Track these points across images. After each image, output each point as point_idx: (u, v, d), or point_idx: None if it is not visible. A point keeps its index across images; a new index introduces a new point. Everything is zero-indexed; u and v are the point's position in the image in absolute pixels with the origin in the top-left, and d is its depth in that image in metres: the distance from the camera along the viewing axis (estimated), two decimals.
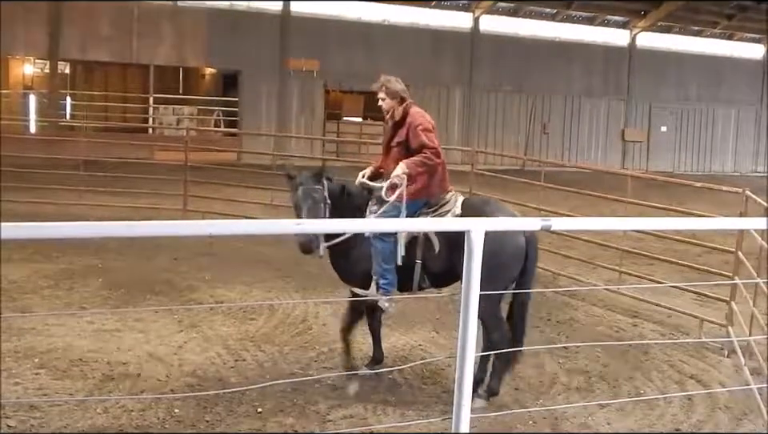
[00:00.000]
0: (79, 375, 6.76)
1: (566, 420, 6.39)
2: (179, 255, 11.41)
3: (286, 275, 10.70)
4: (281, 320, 8.57)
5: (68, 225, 2.67)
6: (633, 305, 9.97)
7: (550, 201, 12.07)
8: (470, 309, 3.03)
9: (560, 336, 8.69)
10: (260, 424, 6.00)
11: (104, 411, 6.06)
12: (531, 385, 7.14)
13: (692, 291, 9.80)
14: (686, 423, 6.47)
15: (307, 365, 7.30)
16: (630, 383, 7.33)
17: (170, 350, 7.49)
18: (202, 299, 9.31)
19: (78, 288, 9.53)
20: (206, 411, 6.17)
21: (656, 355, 8.17)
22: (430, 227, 5.72)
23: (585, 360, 7.84)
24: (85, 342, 7.55)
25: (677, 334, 9.01)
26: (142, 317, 8.37)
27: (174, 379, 6.82)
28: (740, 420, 6.59)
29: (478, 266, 3.03)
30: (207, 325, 8.28)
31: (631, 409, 6.66)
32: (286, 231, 2.87)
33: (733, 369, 7.89)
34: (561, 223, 3.24)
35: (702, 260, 11.13)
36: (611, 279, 10.83)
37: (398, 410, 6.41)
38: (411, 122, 6.50)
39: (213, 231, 2.95)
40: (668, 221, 4.70)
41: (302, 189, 6.33)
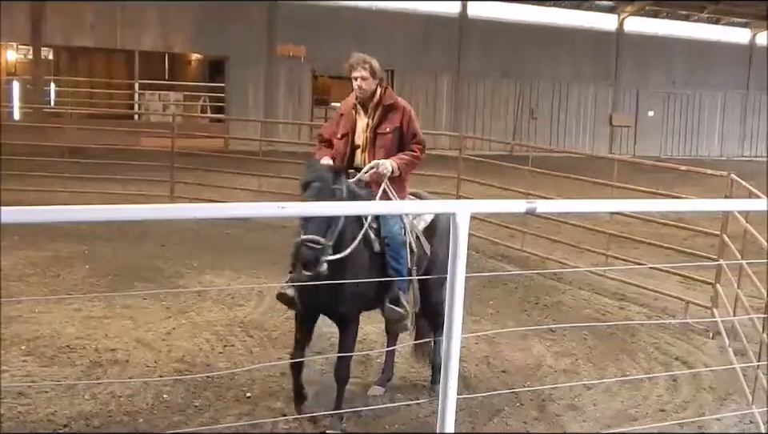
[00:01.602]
0: (67, 362, 6.75)
1: (552, 402, 6.44)
2: (167, 241, 11.39)
3: (274, 261, 10.69)
4: (269, 306, 8.56)
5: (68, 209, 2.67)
6: (619, 288, 10.03)
7: (537, 186, 12.11)
8: (456, 291, 3.05)
9: (547, 319, 8.74)
10: (249, 408, 6.02)
11: (92, 397, 6.06)
12: (518, 367, 7.18)
13: (678, 274, 9.88)
14: (671, 403, 6.53)
15: None
16: (616, 365, 7.38)
17: (158, 336, 7.48)
18: (190, 286, 9.30)
19: (65, 275, 9.50)
20: (194, 396, 6.18)
21: (642, 337, 8.23)
22: (414, 209, 5.66)
23: (572, 343, 7.89)
24: (72, 329, 7.53)
25: (663, 316, 9.08)
26: (130, 304, 8.35)
27: (163, 365, 6.83)
28: (724, 400, 6.66)
29: (464, 249, 3.04)
30: (196, 311, 8.28)
31: (617, 390, 6.72)
32: (269, 214, 2.86)
33: (717, 350, 7.96)
34: (545, 206, 3.25)
35: (688, 244, 11.20)
36: (598, 262, 10.89)
37: (386, 393, 6.44)
38: (405, 107, 5.93)
39: (199, 214, 2.95)
40: (652, 203, 4.73)
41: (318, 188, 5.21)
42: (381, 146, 5.87)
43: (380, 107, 5.93)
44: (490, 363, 7.08)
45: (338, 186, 5.26)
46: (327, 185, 5.20)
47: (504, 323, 8.30)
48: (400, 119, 5.90)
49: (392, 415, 6.00)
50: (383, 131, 5.89)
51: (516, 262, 11.21)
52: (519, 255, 11.47)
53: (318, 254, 5.02)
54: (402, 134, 5.91)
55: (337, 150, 5.94)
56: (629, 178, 11.34)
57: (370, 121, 5.93)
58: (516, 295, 9.58)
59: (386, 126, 5.89)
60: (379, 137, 5.89)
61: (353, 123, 5.97)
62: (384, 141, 5.88)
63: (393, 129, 5.89)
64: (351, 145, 5.95)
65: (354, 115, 5.98)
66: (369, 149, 5.91)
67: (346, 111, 6.04)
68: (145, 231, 11.71)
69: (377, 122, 5.90)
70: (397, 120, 5.90)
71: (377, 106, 5.93)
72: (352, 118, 5.98)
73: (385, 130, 5.89)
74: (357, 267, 5.43)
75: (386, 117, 5.91)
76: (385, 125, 5.89)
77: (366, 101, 5.93)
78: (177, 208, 2.95)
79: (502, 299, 9.24)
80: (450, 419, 3.08)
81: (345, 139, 5.96)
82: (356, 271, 5.39)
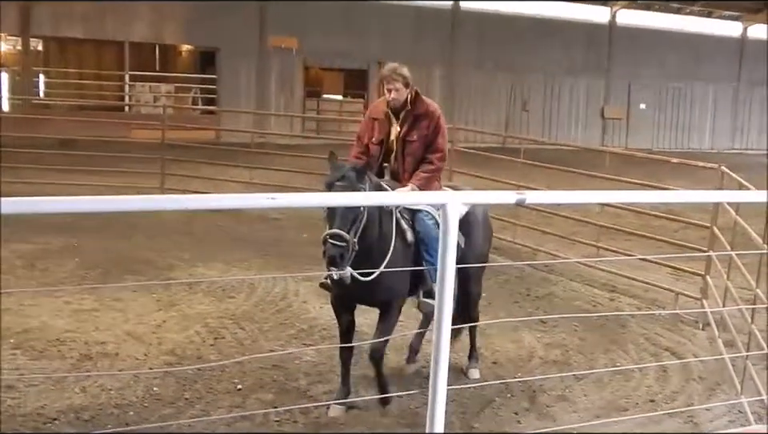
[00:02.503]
0: (56, 355, 6.73)
1: (543, 393, 6.46)
2: (157, 234, 11.36)
3: (265, 254, 10.70)
4: (260, 298, 8.57)
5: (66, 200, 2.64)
6: (610, 280, 10.06)
7: (529, 178, 12.10)
8: (446, 283, 3.04)
9: (538, 310, 8.76)
10: (240, 401, 6.02)
11: (82, 390, 6.04)
12: (510, 359, 7.20)
13: (668, 266, 9.91)
14: (660, 394, 6.56)
15: (287, 342, 7.31)
16: (606, 356, 7.40)
17: (148, 329, 7.46)
18: (181, 278, 9.27)
19: (54, 268, 9.46)
20: (185, 388, 6.17)
21: (632, 328, 8.26)
22: (407, 201, 5.67)
23: (562, 334, 7.91)
24: (62, 322, 7.50)
25: (653, 307, 9.11)
26: (120, 296, 8.32)
27: (153, 357, 6.81)
28: (713, 391, 6.69)
29: (453, 240, 3.04)
30: (186, 304, 8.26)
31: (607, 381, 6.74)
32: (259, 206, 2.85)
33: (707, 341, 8.00)
34: (535, 197, 3.25)
35: (679, 236, 11.23)
36: (589, 254, 10.91)
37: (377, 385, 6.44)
38: (434, 114, 6.09)
39: (189, 206, 2.94)
40: (641, 194, 4.74)
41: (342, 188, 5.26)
42: (409, 154, 6.08)
43: (410, 116, 6.09)
44: (482, 354, 7.08)
45: (362, 184, 5.34)
46: (352, 184, 5.27)
47: (495, 314, 8.30)
48: (427, 126, 6.08)
49: (383, 406, 6.00)
50: (411, 139, 6.07)
51: (507, 253, 11.22)
52: (511, 246, 11.48)
53: (342, 251, 5.17)
54: (428, 142, 6.09)
55: (372, 155, 6.14)
56: (620, 170, 11.36)
57: (400, 129, 6.10)
58: (507, 287, 9.59)
59: (413, 135, 6.06)
60: (407, 145, 6.08)
61: (387, 130, 6.15)
62: (412, 149, 6.07)
63: (420, 137, 6.06)
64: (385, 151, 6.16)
65: (388, 122, 6.15)
66: (399, 156, 6.12)
67: (379, 117, 6.20)
68: (135, 224, 11.67)
69: (406, 131, 6.08)
70: (425, 128, 6.08)
71: (407, 115, 6.09)
72: (386, 125, 6.15)
73: (413, 138, 6.06)
74: (395, 260, 5.60)
75: (414, 125, 6.08)
76: (413, 133, 6.07)
77: (397, 109, 6.10)
78: (167, 199, 2.93)
79: (493, 290, 9.24)
80: (440, 410, 3.08)
81: (380, 145, 6.16)
82: (393, 263, 5.57)
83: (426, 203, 5.81)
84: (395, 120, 6.12)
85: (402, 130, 6.08)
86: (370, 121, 6.24)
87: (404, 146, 6.08)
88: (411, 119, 6.08)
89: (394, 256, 5.61)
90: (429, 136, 6.07)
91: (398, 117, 6.11)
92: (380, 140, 6.14)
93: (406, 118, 6.08)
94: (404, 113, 6.09)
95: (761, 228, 6.40)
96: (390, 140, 6.12)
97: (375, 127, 6.19)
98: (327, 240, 5.20)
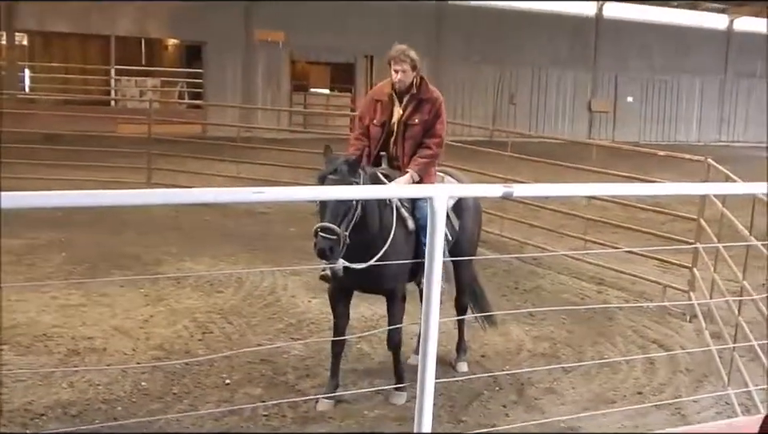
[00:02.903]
0: (44, 351, 6.70)
1: (531, 385, 6.47)
2: (145, 229, 11.31)
3: (253, 248, 10.67)
4: (248, 292, 8.55)
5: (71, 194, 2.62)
6: (598, 272, 10.09)
7: (516, 171, 12.11)
8: (434, 275, 3.04)
9: (526, 303, 8.77)
10: (228, 395, 6.01)
11: (69, 385, 6.02)
12: (498, 352, 7.21)
13: (655, 258, 9.94)
14: (648, 386, 6.59)
15: (275, 336, 7.31)
16: (594, 349, 7.43)
17: (136, 324, 7.44)
18: (169, 273, 9.23)
19: (41, 263, 9.41)
20: (173, 383, 6.15)
21: (620, 320, 8.29)
22: (394, 193, 5.67)
23: (550, 327, 7.93)
24: (49, 317, 7.47)
25: (640, 300, 9.14)
26: (108, 291, 8.29)
27: (141, 352, 6.79)
28: (700, 382, 6.72)
29: (441, 232, 3.04)
30: (174, 298, 8.24)
31: (595, 373, 6.77)
32: (245, 200, 2.84)
33: (694, 333, 8.04)
34: (522, 190, 3.25)
35: (666, 228, 11.26)
36: (577, 247, 10.92)
37: (366, 378, 6.46)
38: (436, 100, 6.11)
39: (175, 200, 2.93)
40: (628, 187, 4.76)
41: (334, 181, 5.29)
42: (410, 138, 6.07)
43: (414, 100, 6.08)
44: (470, 348, 7.09)
45: (355, 178, 5.37)
46: (344, 178, 5.30)
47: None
48: (428, 111, 6.08)
49: (370, 401, 6.01)
50: (413, 123, 6.06)
51: (495, 247, 11.23)
52: (498, 239, 11.49)
53: (332, 244, 5.21)
54: (427, 127, 6.10)
55: (372, 137, 6.15)
56: (607, 163, 11.40)
57: (402, 111, 6.08)
58: (495, 280, 9.60)
59: (415, 118, 6.06)
60: (409, 128, 6.07)
61: (390, 112, 6.12)
62: (413, 132, 6.06)
63: (422, 121, 6.06)
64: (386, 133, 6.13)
65: (391, 104, 6.12)
66: (399, 139, 6.10)
67: (382, 98, 6.17)
68: (122, 218, 11.63)
69: (409, 114, 6.07)
70: (427, 112, 6.08)
71: (411, 98, 6.08)
72: (389, 107, 6.12)
73: (414, 122, 6.06)
74: (396, 247, 5.69)
75: (417, 109, 6.07)
76: (415, 117, 6.06)
77: (402, 92, 6.07)
78: (153, 194, 2.91)
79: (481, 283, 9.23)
80: (428, 403, 3.08)
81: (382, 127, 6.13)
82: (395, 250, 5.66)
83: (414, 197, 5.80)
84: (398, 102, 6.10)
85: (404, 113, 6.07)
86: (373, 102, 6.22)
87: (405, 129, 6.07)
88: (415, 103, 6.07)
89: (394, 244, 5.67)
90: (429, 121, 6.07)
91: (401, 100, 6.09)
92: (382, 122, 6.12)
93: (410, 101, 6.07)
94: (408, 96, 6.07)
95: (747, 220, 6.43)
96: (392, 122, 6.11)
97: (377, 109, 6.16)
98: (318, 233, 5.24)
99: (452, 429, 5.58)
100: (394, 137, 6.12)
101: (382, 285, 5.92)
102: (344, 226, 5.30)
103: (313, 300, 8.35)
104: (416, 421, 3.09)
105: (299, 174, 14.60)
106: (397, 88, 6.06)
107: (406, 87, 6.04)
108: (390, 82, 6.11)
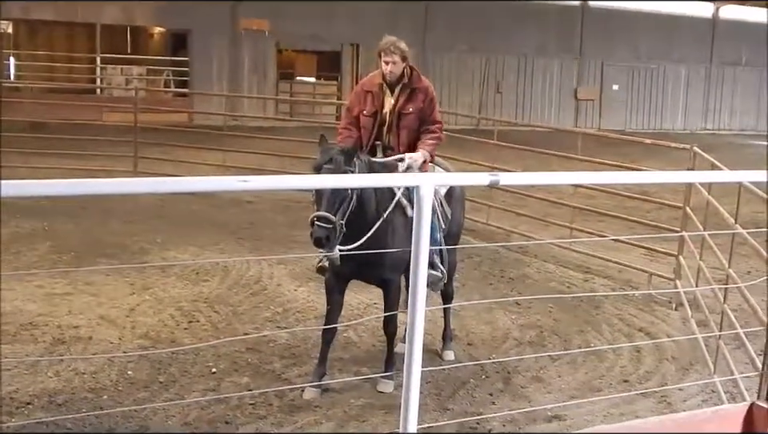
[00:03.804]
0: (29, 340, 6.67)
1: (518, 374, 6.49)
2: (130, 217, 11.26)
3: (239, 237, 10.65)
4: (235, 281, 8.53)
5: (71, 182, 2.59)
6: (584, 261, 10.12)
7: (503, 159, 12.13)
8: (420, 264, 3.03)
9: (513, 292, 8.79)
10: (214, 384, 6.00)
11: (55, 374, 6.00)
12: (484, 340, 7.22)
13: (641, 247, 9.97)
14: (634, 374, 6.62)
15: (261, 325, 7.30)
16: (580, 337, 7.45)
17: (122, 312, 7.41)
18: (154, 262, 9.20)
19: (26, 252, 9.36)
20: (159, 372, 6.14)
21: (606, 308, 8.31)
22: (381, 182, 5.67)
23: (537, 315, 7.95)
24: (34, 306, 7.44)
25: (626, 288, 9.17)
26: (93, 280, 8.25)
27: (127, 341, 6.77)
28: (686, 370, 6.75)
29: (427, 221, 3.03)
30: (160, 287, 8.21)
31: (582, 362, 6.79)
32: (230, 189, 2.83)
33: (680, 321, 8.07)
34: (508, 179, 3.24)
35: (652, 216, 11.31)
36: (563, 235, 10.95)
37: (352, 367, 6.46)
38: (428, 89, 6.22)
39: (160, 189, 2.90)
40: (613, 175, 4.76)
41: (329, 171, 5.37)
42: (404, 127, 6.15)
43: (406, 89, 6.15)
44: (456, 336, 7.10)
45: (351, 167, 5.43)
46: (339, 167, 5.36)
47: (469, 296, 8.32)
48: (422, 100, 6.16)
49: (357, 390, 6.01)
50: (407, 112, 6.14)
51: (481, 235, 11.25)
52: (484, 228, 11.51)
53: (328, 233, 5.31)
54: (423, 115, 6.17)
55: (364, 127, 6.20)
56: (594, 151, 11.42)
57: (395, 101, 6.15)
58: (481, 268, 9.62)
59: (409, 107, 6.14)
60: (403, 117, 6.15)
61: (381, 102, 6.18)
62: (407, 121, 6.14)
63: (416, 110, 6.15)
64: (378, 123, 6.19)
65: (382, 95, 6.17)
66: (393, 129, 6.17)
67: (372, 89, 6.22)
68: (107, 207, 11.57)
69: (402, 103, 6.14)
70: (419, 101, 6.16)
71: (403, 88, 6.15)
72: (380, 97, 6.18)
73: (408, 111, 6.14)
74: (394, 234, 5.76)
75: (410, 98, 6.15)
76: (409, 106, 6.14)
77: (393, 82, 6.14)
78: (138, 183, 2.88)
79: (467, 272, 9.26)
80: (414, 391, 3.07)
81: (373, 117, 6.18)
82: (393, 238, 5.74)
83: (401, 185, 5.80)
84: (390, 92, 6.17)
85: (397, 102, 6.14)
86: (363, 93, 6.28)
87: (399, 118, 6.14)
88: (408, 92, 6.14)
89: (393, 232, 5.76)
90: (425, 109, 6.16)
91: (392, 90, 6.16)
92: (373, 112, 6.17)
93: (403, 90, 6.14)
94: (400, 86, 6.14)
95: (732, 208, 6.45)
96: (384, 112, 6.16)
97: (368, 100, 6.21)
98: (314, 222, 5.32)
99: (438, 417, 5.58)
100: (387, 126, 6.18)
101: (381, 274, 5.95)
102: (340, 214, 5.37)
103: (299, 289, 8.34)
104: (402, 410, 3.09)
105: (286, 163, 14.59)
106: (388, 79, 6.12)
107: (396, 78, 6.10)
108: (380, 73, 6.17)
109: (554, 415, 5.73)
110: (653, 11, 34.09)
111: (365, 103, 6.22)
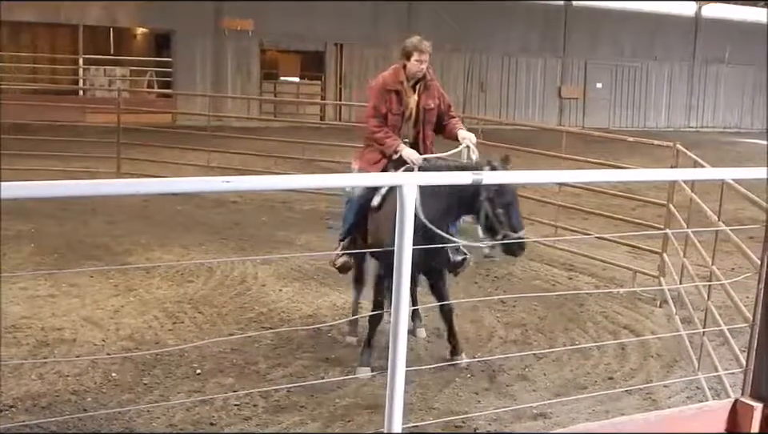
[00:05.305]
0: (12, 342, 6.62)
1: (503, 372, 6.50)
2: (114, 218, 11.21)
3: (223, 237, 10.61)
4: (219, 282, 8.50)
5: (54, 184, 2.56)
6: (569, 259, 10.14)
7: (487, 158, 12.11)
8: (403, 263, 3.03)
9: (498, 290, 8.80)
10: (199, 385, 5.97)
11: (39, 377, 5.96)
12: (469, 339, 7.22)
13: (626, 244, 10.01)
14: (619, 371, 6.64)
15: (246, 326, 7.27)
16: (565, 335, 7.47)
17: (106, 314, 7.37)
18: (139, 263, 9.17)
19: (10, 254, 9.27)
20: (143, 374, 6.11)
21: (591, 306, 8.33)
22: (363, 182, 5.68)
23: (522, 313, 7.96)
24: (17, 308, 7.38)
25: (611, 286, 9.20)
26: (77, 282, 8.20)
27: (111, 343, 6.73)
28: (671, 367, 6.78)
29: (410, 220, 3.03)
30: (144, 288, 8.17)
31: (567, 360, 6.80)
32: (214, 189, 2.82)
33: (664, 318, 8.10)
34: (492, 177, 3.25)
35: (636, 214, 11.36)
36: (548, 234, 10.98)
37: (337, 367, 6.45)
38: (435, 81, 6.56)
39: (143, 190, 2.89)
40: (598, 173, 4.77)
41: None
42: (428, 121, 6.52)
43: (423, 86, 6.48)
44: (441, 335, 7.10)
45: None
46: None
47: (454, 294, 8.30)
48: (437, 95, 6.54)
49: (342, 389, 6.01)
50: (429, 107, 6.50)
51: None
52: (469, 226, 11.49)
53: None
54: (441, 107, 6.55)
55: (393, 126, 6.42)
56: (578, 149, 11.44)
57: (418, 98, 6.46)
58: None
59: (430, 103, 6.50)
60: (427, 113, 6.51)
61: (405, 100, 6.44)
62: (430, 116, 6.51)
63: (434, 104, 6.52)
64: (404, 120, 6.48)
65: (405, 93, 6.44)
66: (419, 125, 6.49)
67: (395, 88, 6.43)
68: (91, 208, 11.51)
69: (424, 100, 6.49)
70: (435, 95, 6.53)
71: (424, 86, 6.48)
72: (405, 96, 6.44)
73: (430, 107, 6.50)
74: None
75: (429, 94, 6.51)
76: (429, 101, 6.50)
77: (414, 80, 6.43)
78: (121, 184, 2.87)
79: None
80: (399, 391, 3.07)
81: (401, 115, 6.44)
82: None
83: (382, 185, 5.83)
84: (411, 90, 6.44)
85: (420, 99, 6.44)
86: (385, 92, 6.44)
87: (424, 114, 6.46)
88: (424, 88, 6.46)
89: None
90: (440, 102, 6.52)
91: (414, 87, 6.45)
92: (401, 111, 6.41)
93: (421, 87, 6.45)
94: (421, 83, 6.44)
95: (716, 205, 6.49)
96: (410, 108, 6.43)
97: (392, 99, 6.42)
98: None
99: (424, 416, 5.58)
100: (412, 122, 6.47)
101: (443, 265, 6.45)
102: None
103: (284, 289, 8.33)
104: (387, 409, 3.09)
105: (270, 163, 14.57)
106: (411, 76, 6.39)
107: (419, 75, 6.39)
108: (398, 71, 6.43)
109: (540, 413, 5.74)
110: (636, 10, 34.23)
111: (390, 102, 6.42)
